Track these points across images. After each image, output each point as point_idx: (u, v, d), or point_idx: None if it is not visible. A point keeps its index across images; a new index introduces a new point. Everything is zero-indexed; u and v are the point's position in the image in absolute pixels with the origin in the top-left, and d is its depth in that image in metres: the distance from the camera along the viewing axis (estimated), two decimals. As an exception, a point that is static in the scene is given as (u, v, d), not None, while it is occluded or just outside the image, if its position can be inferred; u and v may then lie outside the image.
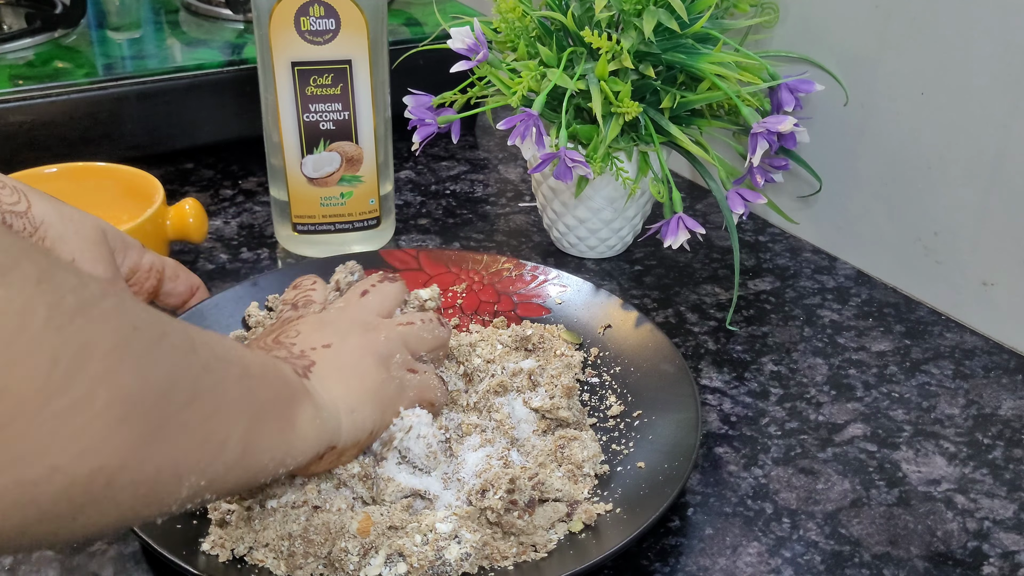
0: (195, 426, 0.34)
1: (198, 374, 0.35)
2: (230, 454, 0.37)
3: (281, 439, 0.41)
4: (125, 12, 0.95)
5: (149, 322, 0.33)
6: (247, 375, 0.39)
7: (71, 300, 0.29)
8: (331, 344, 0.47)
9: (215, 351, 0.37)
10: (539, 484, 0.49)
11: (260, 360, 0.41)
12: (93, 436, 0.29)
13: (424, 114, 0.72)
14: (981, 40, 0.63)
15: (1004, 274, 0.66)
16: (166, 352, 0.33)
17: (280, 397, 0.41)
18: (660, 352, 0.59)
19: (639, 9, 0.64)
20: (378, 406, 0.47)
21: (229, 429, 0.37)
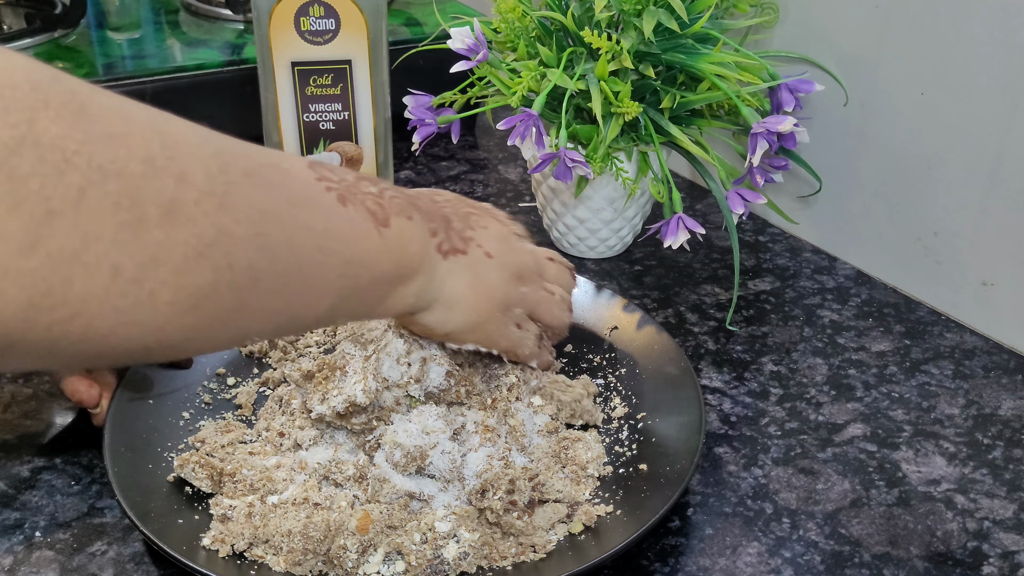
0: (272, 307, 0.37)
1: (289, 268, 0.37)
2: (305, 324, 0.40)
3: (364, 309, 0.44)
4: (125, 12, 0.95)
5: (249, 217, 0.34)
6: (353, 264, 0.41)
7: (152, 211, 0.31)
8: (493, 256, 0.50)
9: (321, 244, 0.39)
10: (539, 485, 0.49)
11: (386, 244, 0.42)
12: (155, 323, 0.32)
13: (424, 114, 0.72)
14: (981, 40, 0.63)
15: (1004, 274, 0.66)
16: (256, 250, 0.35)
17: (382, 282, 0.43)
18: (666, 354, 0.59)
19: (639, 9, 0.64)
20: (474, 323, 0.49)
21: (310, 307, 0.39)
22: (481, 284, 0.49)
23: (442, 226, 0.48)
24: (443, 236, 0.47)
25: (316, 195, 0.40)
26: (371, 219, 0.42)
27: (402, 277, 0.44)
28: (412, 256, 0.44)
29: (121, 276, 0.30)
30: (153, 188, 0.31)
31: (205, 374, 0.59)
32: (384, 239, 0.43)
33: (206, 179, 0.33)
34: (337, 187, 0.41)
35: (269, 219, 0.36)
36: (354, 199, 0.41)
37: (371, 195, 0.43)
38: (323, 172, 0.41)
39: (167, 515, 0.48)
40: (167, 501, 0.50)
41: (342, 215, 0.40)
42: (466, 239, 0.49)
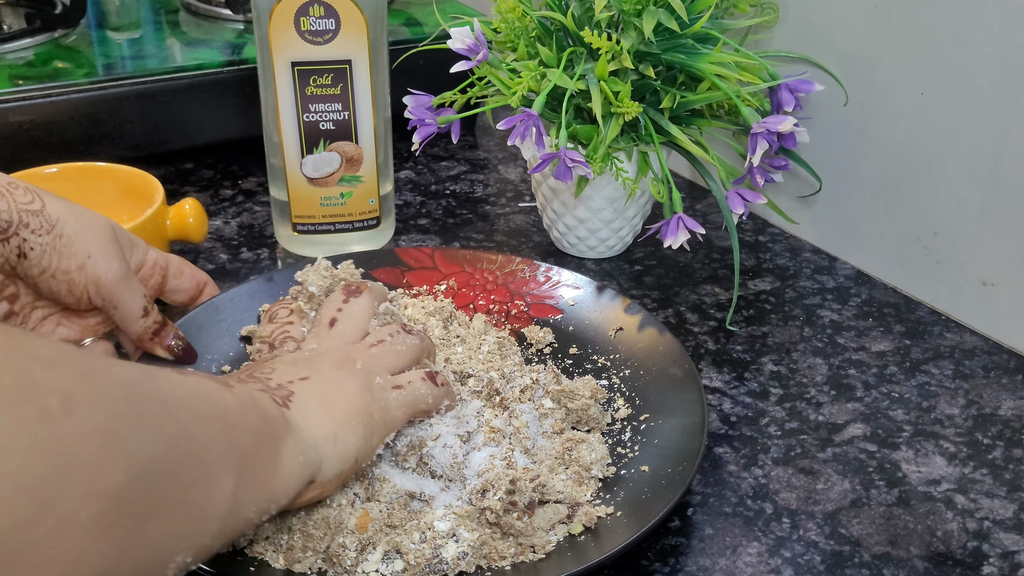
0: (180, 500, 0.32)
1: (178, 444, 0.33)
2: (216, 519, 0.35)
3: (266, 488, 0.39)
4: (125, 12, 0.95)
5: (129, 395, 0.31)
6: (228, 427, 0.37)
7: (55, 404, 0.27)
8: (308, 377, 0.46)
9: (193, 408, 0.35)
10: (540, 486, 0.49)
11: (239, 400, 0.39)
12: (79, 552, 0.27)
13: (424, 114, 0.72)
14: (981, 40, 0.63)
15: (1004, 274, 0.66)
16: (147, 431, 0.31)
17: (263, 441, 0.39)
18: (670, 356, 0.59)
19: (639, 9, 0.64)
20: (363, 432, 0.46)
21: (214, 493, 0.35)
22: (327, 395, 0.45)
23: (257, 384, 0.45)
24: (268, 391, 0.44)
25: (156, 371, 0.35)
26: (214, 382, 0.39)
27: (277, 435, 0.40)
28: (268, 409, 0.41)
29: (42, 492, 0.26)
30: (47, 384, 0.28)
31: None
32: (238, 397, 0.40)
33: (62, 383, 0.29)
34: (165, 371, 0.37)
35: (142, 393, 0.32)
36: (185, 373, 0.38)
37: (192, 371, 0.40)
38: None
39: None
40: None
41: (191, 383, 0.37)
42: (279, 387, 0.45)
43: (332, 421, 0.44)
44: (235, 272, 0.74)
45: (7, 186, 0.53)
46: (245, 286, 0.65)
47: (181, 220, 0.71)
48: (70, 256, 0.53)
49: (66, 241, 0.53)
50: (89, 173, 0.73)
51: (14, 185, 0.53)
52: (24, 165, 0.73)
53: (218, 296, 0.63)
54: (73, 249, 0.53)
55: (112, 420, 0.29)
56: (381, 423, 0.47)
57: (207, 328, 0.61)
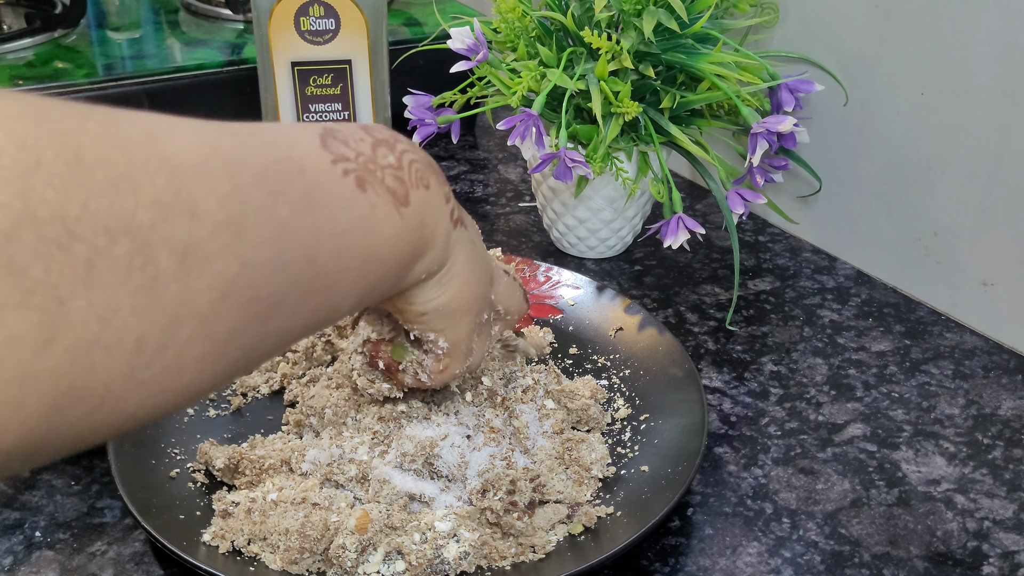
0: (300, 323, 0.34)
1: (312, 281, 0.34)
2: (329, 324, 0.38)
3: (388, 292, 0.41)
4: (125, 12, 0.95)
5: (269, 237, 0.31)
6: (375, 255, 0.38)
7: (168, 264, 0.27)
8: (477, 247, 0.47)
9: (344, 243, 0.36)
10: (540, 486, 0.49)
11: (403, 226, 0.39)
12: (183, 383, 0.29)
13: (424, 114, 0.72)
14: (981, 40, 0.63)
15: (1004, 274, 0.66)
16: (279, 274, 0.32)
17: (401, 263, 0.40)
18: (670, 356, 0.59)
19: (639, 9, 0.64)
20: (450, 309, 0.46)
21: (336, 309, 0.37)
22: (472, 268, 0.46)
23: (450, 191, 0.44)
24: (453, 203, 0.44)
25: (333, 185, 0.36)
26: (391, 200, 0.39)
27: (419, 253, 0.41)
28: (429, 230, 0.41)
29: (145, 347, 0.27)
30: (164, 236, 0.27)
31: None
32: (405, 220, 0.39)
33: (219, 205, 0.30)
34: (355, 167, 0.37)
35: (288, 234, 0.33)
36: (373, 179, 0.38)
37: (391, 168, 0.39)
38: (338, 149, 0.37)
39: (168, 510, 0.48)
40: (168, 497, 0.50)
41: (362, 203, 0.37)
42: (456, 216, 0.45)
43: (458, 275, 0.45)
44: (235, 272, 0.74)
45: None
46: None
47: (181, 220, 0.70)
48: None
49: None
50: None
51: None
52: (24, 165, 0.73)
53: None
54: None
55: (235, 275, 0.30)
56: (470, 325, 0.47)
57: None
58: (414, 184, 0.40)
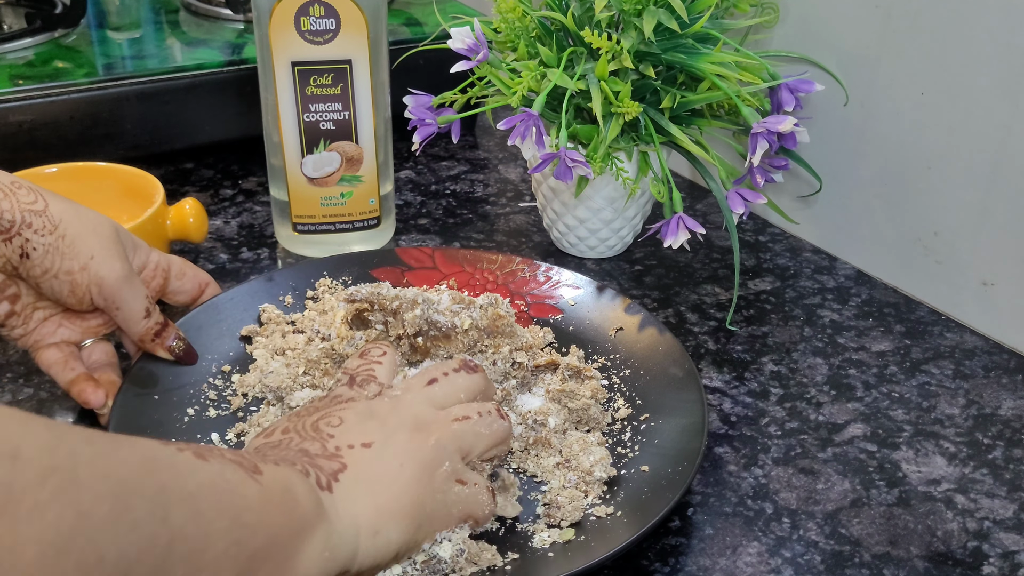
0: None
1: (168, 546, 0.31)
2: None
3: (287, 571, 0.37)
4: (125, 12, 0.95)
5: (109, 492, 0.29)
6: (238, 526, 0.34)
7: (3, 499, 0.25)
8: (372, 443, 0.43)
9: (196, 505, 0.32)
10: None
11: (265, 493, 0.36)
12: None
13: (424, 114, 0.72)
14: (981, 40, 0.63)
15: (1004, 274, 0.66)
16: (127, 532, 0.29)
17: (281, 541, 0.36)
18: (670, 356, 0.59)
19: (639, 9, 0.64)
20: (410, 526, 0.42)
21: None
22: (381, 479, 0.42)
23: (304, 461, 0.41)
24: (313, 471, 0.41)
25: (171, 455, 0.34)
26: (240, 467, 0.36)
27: (300, 529, 0.38)
28: (299, 499, 0.38)
29: None
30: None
31: (211, 371, 0.60)
32: (263, 487, 0.36)
33: (46, 451, 0.27)
34: (187, 447, 0.35)
35: (132, 491, 0.30)
36: (210, 453, 0.36)
37: (226, 451, 0.37)
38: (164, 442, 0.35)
39: None
40: None
41: (208, 468, 0.34)
42: (333, 454, 0.42)
43: (377, 511, 0.41)
44: (235, 272, 0.74)
45: (10, 186, 0.52)
46: (245, 286, 0.65)
47: (181, 220, 0.71)
48: (73, 257, 0.53)
49: (69, 241, 0.53)
50: (89, 173, 0.73)
51: (17, 184, 0.53)
52: (24, 165, 0.73)
53: (218, 296, 0.63)
54: (76, 249, 0.53)
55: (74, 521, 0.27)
56: (431, 518, 0.44)
57: (207, 328, 0.61)
58: (259, 460, 0.38)
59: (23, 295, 0.56)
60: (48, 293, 0.54)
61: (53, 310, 0.57)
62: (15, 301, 0.56)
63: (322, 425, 0.44)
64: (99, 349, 0.59)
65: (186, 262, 0.62)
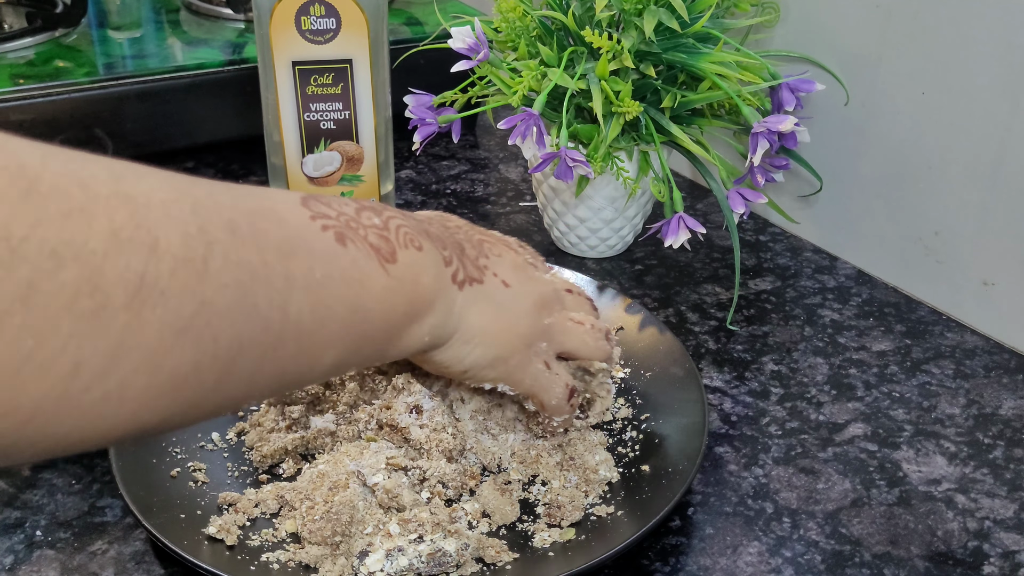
0: (270, 372, 0.33)
1: (283, 330, 0.33)
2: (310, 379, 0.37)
3: (379, 354, 0.41)
4: (126, 11, 0.95)
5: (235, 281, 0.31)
6: (356, 311, 0.37)
7: (118, 293, 0.27)
8: (511, 286, 0.47)
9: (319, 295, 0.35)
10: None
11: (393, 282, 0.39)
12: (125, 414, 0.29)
13: (425, 113, 0.72)
14: (982, 40, 0.62)
15: (1005, 274, 0.66)
16: (244, 318, 0.31)
17: (392, 321, 0.40)
18: (671, 355, 0.59)
19: (640, 9, 0.64)
20: (493, 359, 0.46)
21: (314, 363, 0.36)
22: (502, 315, 0.46)
23: (455, 254, 0.44)
24: (457, 264, 0.44)
25: (311, 238, 0.36)
26: (375, 256, 0.38)
27: (415, 314, 0.41)
28: (425, 290, 0.41)
29: (83, 372, 0.27)
30: (118, 267, 0.27)
31: None
32: (392, 277, 0.39)
33: (183, 243, 0.29)
34: (335, 223, 0.37)
35: (258, 280, 0.32)
36: (355, 235, 0.38)
37: (374, 228, 0.39)
38: (319, 208, 0.37)
39: (169, 509, 0.48)
40: (169, 496, 0.50)
41: (342, 257, 0.37)
42: (481, 267, 0.46)
43: (481, 330, 0.45)
44: (236, 271, 0.74)
45: None
46: None
47: (182, 219, 0.71)
48: None
49: None
50: (90, 172, 0.73)
51: None
52: (25, 164, 0.73)
53: None
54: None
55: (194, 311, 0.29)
56: (509, 369, 0.47)
57: None
58: (402, 244, 0.40)
59: None
60: None
61: None
62: None
63: (486, 247, 0.48)
64: None
65: None
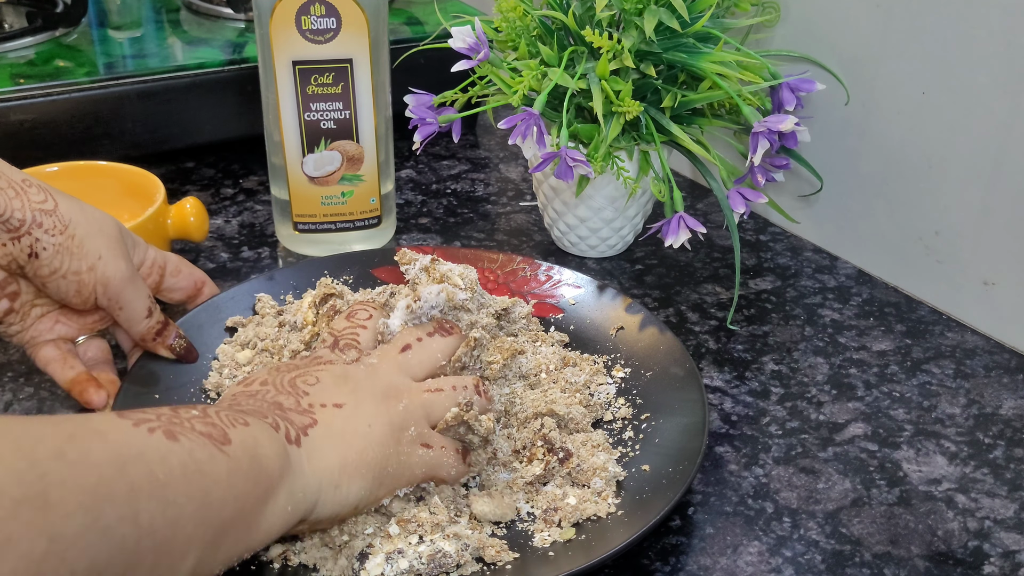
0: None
1: (137, 543, 0.32)
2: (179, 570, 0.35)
3: (240, 545, 0.39)
4: (126, 11, 0.95)
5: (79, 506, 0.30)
6: (206, 505, 0.36)
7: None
8: (343, 405, 0.45)
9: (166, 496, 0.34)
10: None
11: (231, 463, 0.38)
12: None
13: (425, 113, 0.72)
14: (982, 39, 0.62)
15: (1005, 273, 0.66)
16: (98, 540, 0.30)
17: (247, 506, 0.38)
18: (671, 355, 0.59)
19: (640, 8, 0.64)
20: (372, 482, 0.45)
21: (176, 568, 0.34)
22: (352, 439, 0.44)
23: (276, 415, 0.43)
24: (284, 424, 0.43)
25: (141, 443, 0.35)
26: (209, 442, 0.37)
27: (267, 489, 0.39)
28: (268, 461, 0.40)
29: None
30: None
31: (211, 369, 0.60)
32: (232, 458, 0.38)
33: (18, 483, 0.28)
34: (158, 423, 0.36)
35: (102, 498, 0.31)
36: (182, 428, 0.37)
37: (197, 418, 0.38)
38: (136, 415, 0.36)
39: None
40: None
41: (178, 451, 0.35)
42: (305, 410, 0.44)
43: (341, 467, 0.44)
44: (236, 271, 0.74)
45: (21, 184, 0.52)
46: (246, 285, 0.65)
47: (182, 219, 0.71)
48: (82, 257, 0.53)
49: (78, 242, 0.53)
50: (90, 172, 0.73)
51: (28, 183, 0.53)
52: (25, 164, 0.73)
53: (219, 295, 0.63)
54: (84, 250, 0.53)
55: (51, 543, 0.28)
56: (393, 477, 0.46)
57: (208, 327, 0.61)
58: (228, 424, 0.39)
59: (22, 292, 0.56)
60: (53, 293, 0.54)
61: (50, 307, 0.57)
62: (15, 299, 0.55)
63: (299, 382, 0.46)
64: (94, 346, 0.59)
65: (182, 259, 0.62)
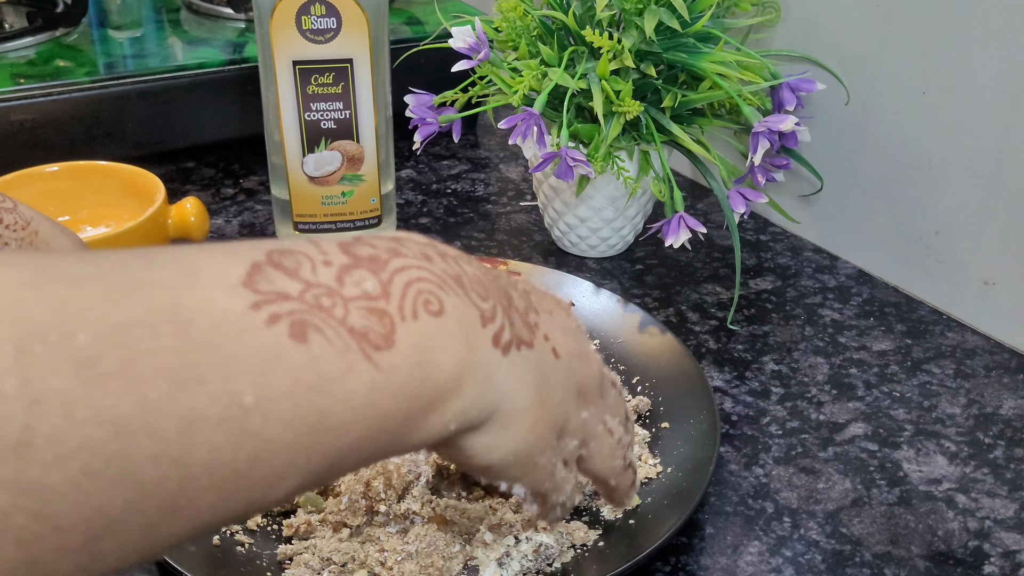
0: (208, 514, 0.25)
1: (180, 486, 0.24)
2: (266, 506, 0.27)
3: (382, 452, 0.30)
4: (126, 11, 0.95)
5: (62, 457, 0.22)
6: (323, 427, 0.27)
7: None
8: (560, 356, 0.35)
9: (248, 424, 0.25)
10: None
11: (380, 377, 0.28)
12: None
13: (425, 113, 0.72)
14: (983, 39, 0.62)
15: (1005, 273, 0.66)
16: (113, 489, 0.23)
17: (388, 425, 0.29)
18: (677, 363, 0.59)
19: (640, 8, 0.64)
20: (522, 452, 0.34)
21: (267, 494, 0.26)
22: (546, 396, 0.34)
23: (500, 305, 0.32)
24: (503, 321, 0.32)
25: (243, 339, 0.25)
26: (357, 348, 0.27)
27: (428, 406, 0.29)
28: (441, 370, 0.29)
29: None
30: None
31: None
32: (383, 371, 0.28)
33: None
34: (293, 307, 0.26)
35: (126, 437, 0.23)
36: (324, 321, 0.27)
37: (363, 298, 0.28)
38: (270, 285, 0.26)
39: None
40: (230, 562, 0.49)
41: (295, 359, 0.26)
42: (532, 325, 0.34)
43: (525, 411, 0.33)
44: (236, 271, 0.74)
45: None
46: None
47: (182, 219, 0.71)
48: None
49: (42, 238, 0.52)
50: (90, 172, 0.73)
51: None
52: (25, 164, 0.73)
53: None
54: (49, 246, 0.53)
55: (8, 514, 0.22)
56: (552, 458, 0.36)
57: None
58: (409, 313, 0.29)
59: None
60: None
61: None
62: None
63: (535, 299, 0.36)
64: None
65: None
